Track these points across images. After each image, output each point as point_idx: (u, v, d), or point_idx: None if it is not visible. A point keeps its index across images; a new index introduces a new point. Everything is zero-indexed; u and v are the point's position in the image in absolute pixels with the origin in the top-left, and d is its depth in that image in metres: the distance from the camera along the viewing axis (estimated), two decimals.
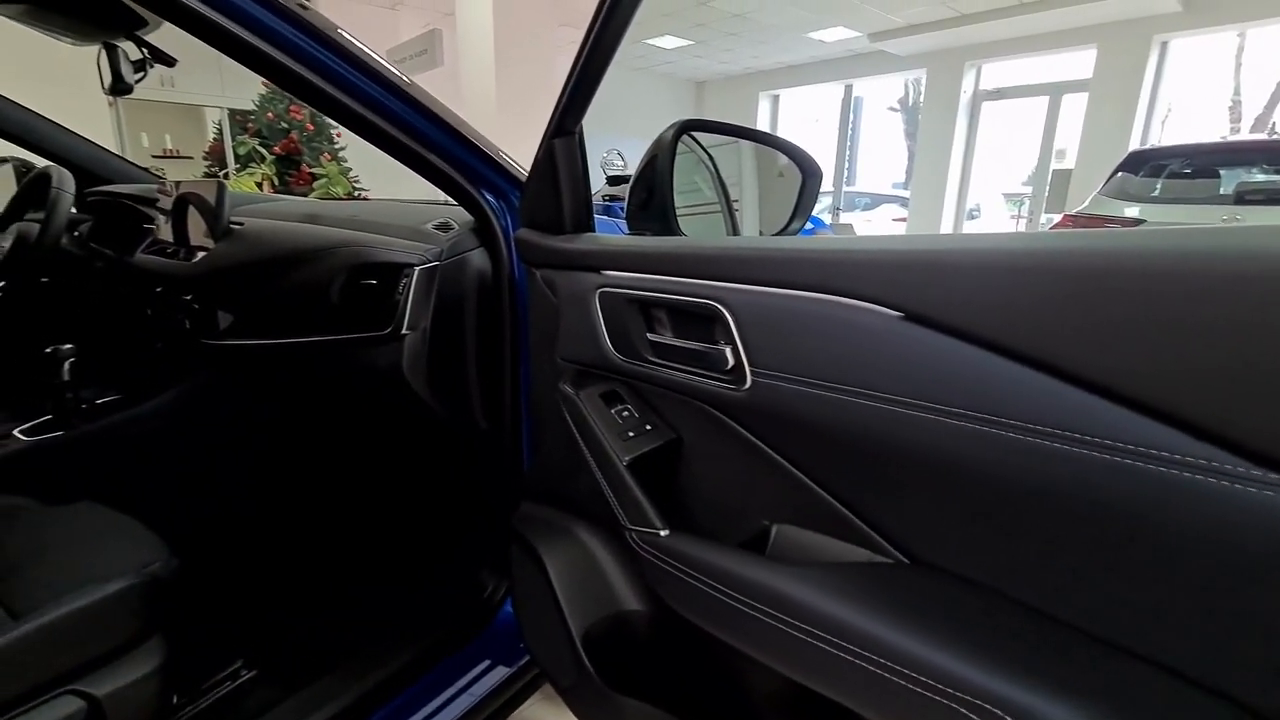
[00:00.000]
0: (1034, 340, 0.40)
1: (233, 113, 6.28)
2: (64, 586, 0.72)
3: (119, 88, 1.13)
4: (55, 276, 1.44)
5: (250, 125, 5.14)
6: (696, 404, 0.65)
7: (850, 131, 9.42)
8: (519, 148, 0.98)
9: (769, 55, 8.77)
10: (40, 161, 1.59)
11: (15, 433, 1.23)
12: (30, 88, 1.70)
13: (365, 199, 4.86)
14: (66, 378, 1.25)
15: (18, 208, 1.44)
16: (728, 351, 0.59)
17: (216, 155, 5.95)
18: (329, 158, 5.22)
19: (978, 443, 0.42)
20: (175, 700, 0.92)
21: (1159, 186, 4.06)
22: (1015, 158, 9.79)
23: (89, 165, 1.63)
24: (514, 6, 4.63)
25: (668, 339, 0.68)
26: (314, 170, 5.10)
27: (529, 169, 0.91)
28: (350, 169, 5.33)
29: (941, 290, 0.44)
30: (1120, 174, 4.18)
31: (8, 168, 1.70)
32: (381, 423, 1.39)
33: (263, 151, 4.98)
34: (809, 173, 0.89)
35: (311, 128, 5.15)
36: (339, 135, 5.32)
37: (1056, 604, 0.43)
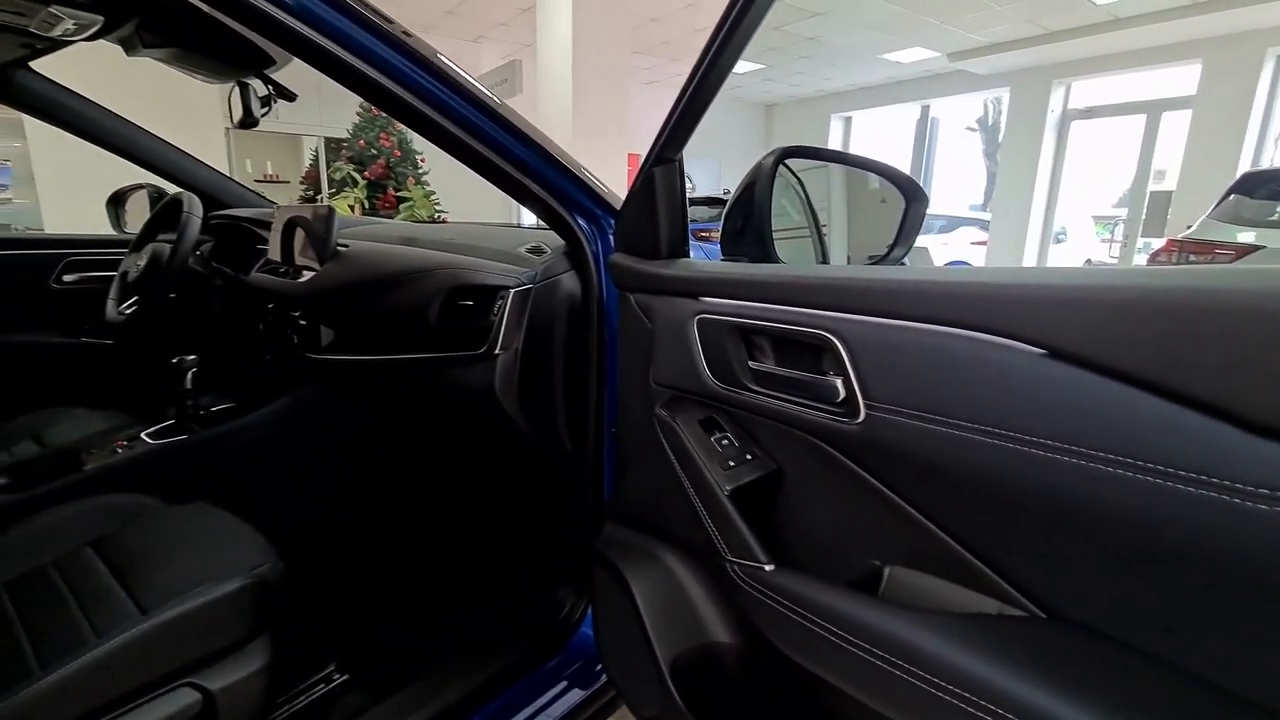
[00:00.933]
0: (1214, 385, 0.36)
1: (327, 140, 6.74)
2: (183, 584, 0.78)
3: (247, 121, 1.23)
4: (182, 293, 1.57)
5: (345, 152, 5.50)
6: (800, 435, 0.64)
7: (926, 152, 9.16)
8: (601, 175, 1.00)
9: (841, 77, 8.66)
10: (170, 187, 1.75)
11: (143, 435, 1.34)
12: (159, 116, 1.87)
13: (444, 221, 5.09)
14: (189, 386, 1.35)
15: (151, 230, 1.58)
16: (838, 383, 0.57)
17: (312, 180, 6.40)
18: (414, 182, 5.51)
19: (1136, 491, 0.38)
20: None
21: (1278, 210, 3.73)
22: (1107, 178, 9.25)
23: (212, 190, 1.78)
24: (592, 36, 4.77)
25: (771, 368, 0.67)
26: (400, 194, 5.40)
27: (613, 194, 0.92)
28: (433, 193, 5.60)
29: (1096, 328, 0.41)
30: (1233, 196, 3.86)
31: (143, 193, 1.87)
32: (471, 439, 1.43)
33: (356, 176, 5.31)
34: (912, 197, 0.86)
35: (399, 154, 5.46)
36: (423, 161, 5.62)
37: (1229, 675, 0.38)
